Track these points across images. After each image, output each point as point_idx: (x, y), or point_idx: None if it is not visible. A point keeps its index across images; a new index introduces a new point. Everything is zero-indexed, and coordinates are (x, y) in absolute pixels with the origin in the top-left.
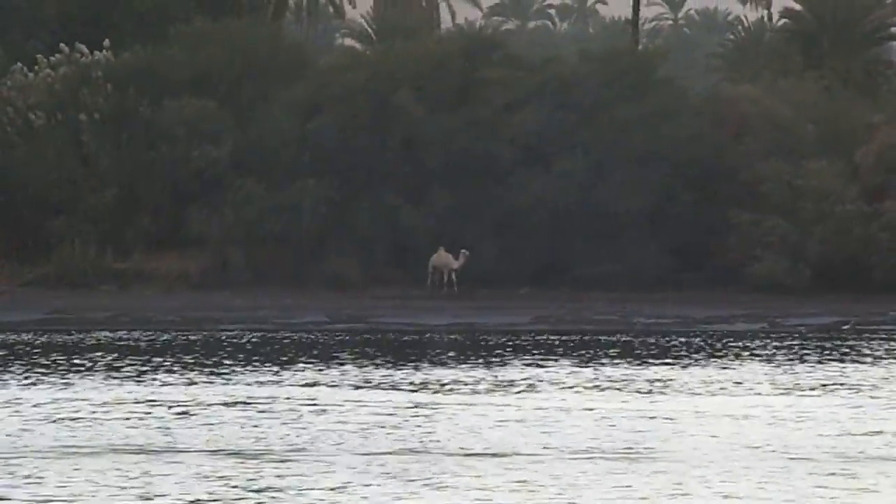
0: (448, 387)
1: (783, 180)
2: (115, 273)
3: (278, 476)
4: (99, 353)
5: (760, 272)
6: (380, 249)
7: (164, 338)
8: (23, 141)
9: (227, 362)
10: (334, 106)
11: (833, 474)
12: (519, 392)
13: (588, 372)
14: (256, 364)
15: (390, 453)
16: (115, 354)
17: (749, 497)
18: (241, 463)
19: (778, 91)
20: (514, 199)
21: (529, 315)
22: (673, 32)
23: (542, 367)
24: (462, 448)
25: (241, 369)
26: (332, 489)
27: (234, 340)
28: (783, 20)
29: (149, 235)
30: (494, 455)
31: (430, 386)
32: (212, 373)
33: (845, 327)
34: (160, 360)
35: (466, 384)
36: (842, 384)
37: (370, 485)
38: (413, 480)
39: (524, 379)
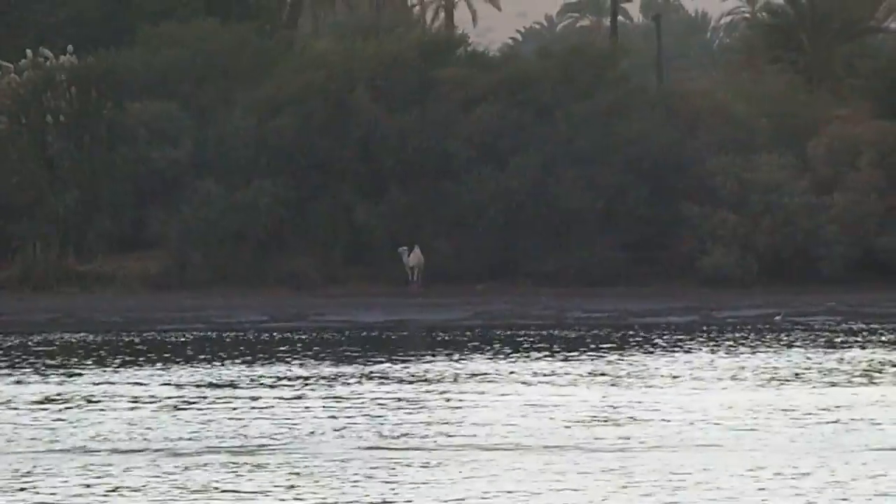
0: (257, 382)
1: (733, 173)
2: (78, 275)
3: None
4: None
5: (709, 265)
6: (337, 248)
7: (84, 340)
8: None
9: (88, 363)
10: (292, 106)
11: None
12: (331, 387)
13: (440, 366)
14: (125, 363)
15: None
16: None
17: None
18: None
19: (733, 85)
20: (469, 197)
21: (471, 311)
22: (748, 26)
23: (404, 363)
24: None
25: (95, 370)
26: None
27: (160, 340)
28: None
29: (111, 237)
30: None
31: (237, 382)
32: (64, 373)
33: (776, 318)
34: (37, 361)
35: (290, 380)
36: (666, 375)
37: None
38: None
39: (361, 374)
